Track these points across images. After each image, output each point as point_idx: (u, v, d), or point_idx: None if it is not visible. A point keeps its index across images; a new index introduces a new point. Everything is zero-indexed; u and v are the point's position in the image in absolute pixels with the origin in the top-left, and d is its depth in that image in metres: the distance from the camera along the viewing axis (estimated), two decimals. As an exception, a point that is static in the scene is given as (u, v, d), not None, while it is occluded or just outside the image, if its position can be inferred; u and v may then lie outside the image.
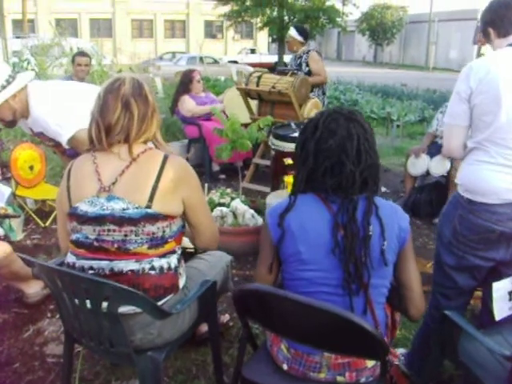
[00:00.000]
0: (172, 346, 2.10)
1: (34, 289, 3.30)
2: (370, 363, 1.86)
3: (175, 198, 1.99)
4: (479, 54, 8.96)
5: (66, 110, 3.00)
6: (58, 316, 3.18)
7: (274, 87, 5.32)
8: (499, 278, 2.24)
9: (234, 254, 2.89)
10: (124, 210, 1.92)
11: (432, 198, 5.19)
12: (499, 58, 2.20)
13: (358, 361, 1.85)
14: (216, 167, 6.41)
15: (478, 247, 2.27)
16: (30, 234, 4.56)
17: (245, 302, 1.89)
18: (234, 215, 4.05)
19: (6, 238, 3.22)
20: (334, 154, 1.84)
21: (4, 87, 2.86)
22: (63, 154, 3.41)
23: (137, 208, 1.92)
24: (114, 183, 1.95)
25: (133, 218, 1.92)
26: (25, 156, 4.77)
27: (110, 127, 1.97)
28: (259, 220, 4.10)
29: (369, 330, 1.61)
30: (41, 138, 3.19)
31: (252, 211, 4.09)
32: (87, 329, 2.02)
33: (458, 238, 2.31)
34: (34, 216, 4.72)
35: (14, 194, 4.48)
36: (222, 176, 6.34)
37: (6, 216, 3.90)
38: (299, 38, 6.12)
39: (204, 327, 2.69)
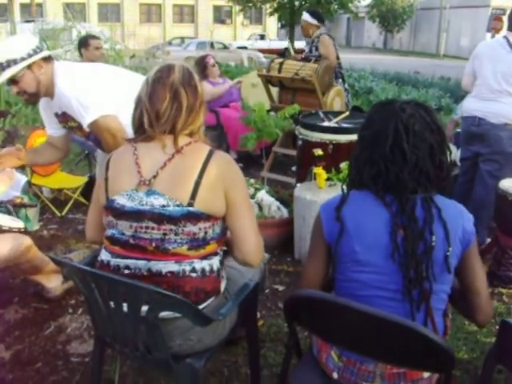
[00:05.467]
0: (212, 352, 1.96)
1: (54, 283, 3.16)
2: (427, 373, 1.72)
3: (218, 195, 1.84)
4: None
5: (93, 92, 2.88)
6: (79, 312, 3.08)
7: (297, 74, 5.15)
8: None
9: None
10: (164, 206, 1.78)
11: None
12: None
13: (414, 371, 1.71)
14: (234, 155, 6.25)
15: None
16: (47, 223, 4.42)
17: (294, 308, 1.75)
18: (260, 207, 3.90)
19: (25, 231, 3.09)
20: (367, 147, 1.73)
21: (31, 56, 2.79)
22: (87, 138, 3.28)
23: (178, 206, 1.77)
24: (154, 177, 1.80)
25: (173, 216, 1.77)
26: (40, 143, 4.62)
27: (158, 116, 1.83)
28: (285, 212, 3.96)
29: (441, 343, 1.47)
30: (65, 120, 3.06)
31: (278, 203, 3.94)
32: (122, 333, 1.88)
33: None
34: (51, 205, 4.58)
35: (29, 183, 4.34)
36: (240, 164, 6.17)
37: (22, 205, 3.75)
38: (314, 22, 5.94)
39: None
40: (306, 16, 6.00)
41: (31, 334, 2.86)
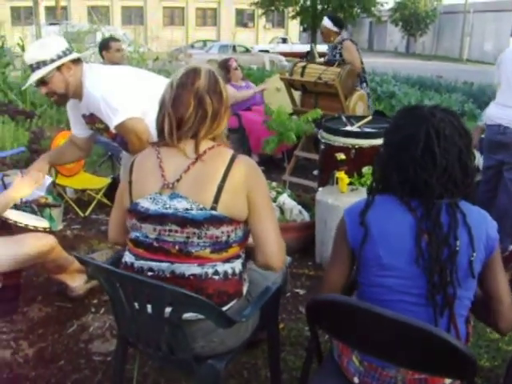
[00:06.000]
0: (233, 354, 1.98)
1: (77, 282, 3.20)
2: (449, 380, 1.72)
3: (241, 199, 1.85)
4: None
5: (120, 94, 2.92)
6: (102, 311, 3.11)
7: (320, 78, 5.15)
8: None
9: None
10: (187, 210, 1.79)
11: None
12: None
13: (435, 377, 1.70)
14: (255, 158, 6.26)
15: None
16: (70, 223, 4.48)
17: (317, 311, 1.75)
18: (281, 210, 3.91)
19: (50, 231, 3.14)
20: (395, 152, 1.73)
21: (60, 57, 2.85)
22: (113, 139, 3.32)
23: (201, 209, 1.79)
24: (178, 180, 1.82)
25: (196, 219, 1.79)
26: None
27: (182, 122, 1.84)
28: (306, 216, 3.96)
29: (464, 350, 1.46)
30: (92, 121, 3.10)
31: (299, 207, 3.95)
32: (145, 334, 1.90)
33: None
34: (74, 205, 4.64)
35: (53, 183, 4.41)
36: (262, 168, 6.15)
37: (47, 205, 3.82)
38: (334, 29, 5.88)
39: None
40: (326, 22, 5.97)
41: (54, 332, 2.90)
